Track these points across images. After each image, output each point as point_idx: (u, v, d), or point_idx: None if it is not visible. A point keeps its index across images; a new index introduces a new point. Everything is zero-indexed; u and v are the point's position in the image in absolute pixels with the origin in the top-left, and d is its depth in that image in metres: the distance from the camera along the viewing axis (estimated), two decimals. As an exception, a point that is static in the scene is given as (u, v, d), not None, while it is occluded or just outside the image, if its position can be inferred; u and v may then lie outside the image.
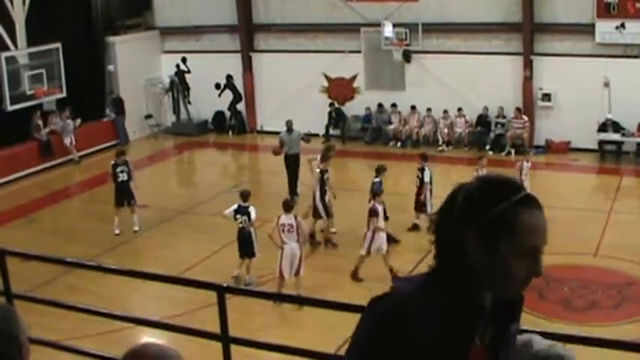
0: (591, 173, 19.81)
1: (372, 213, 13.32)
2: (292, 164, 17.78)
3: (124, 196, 16.16)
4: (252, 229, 13.51)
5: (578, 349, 3.23)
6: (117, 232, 16.08)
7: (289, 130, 18.00)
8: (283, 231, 12.65)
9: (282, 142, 17.86)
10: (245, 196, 13.71)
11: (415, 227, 15.48)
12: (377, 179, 14.47)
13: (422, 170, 15.51)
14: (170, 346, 2.39)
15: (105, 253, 14.88)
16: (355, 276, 13.35)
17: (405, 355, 2.11)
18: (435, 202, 15.26)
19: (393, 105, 22.76)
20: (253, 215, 13.47)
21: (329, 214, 15.24)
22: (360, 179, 20.35)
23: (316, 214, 15.19)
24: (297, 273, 12.50)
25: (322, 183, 15.22)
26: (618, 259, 13.63)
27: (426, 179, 15.34)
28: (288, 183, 17.71)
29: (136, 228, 16.21)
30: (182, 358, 2.30)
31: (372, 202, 13.60)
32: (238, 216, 13.47)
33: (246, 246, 13.46)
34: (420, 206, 15.49)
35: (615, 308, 11.94)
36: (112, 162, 16.45)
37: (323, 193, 15.18)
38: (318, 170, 15.30)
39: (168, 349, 2.38)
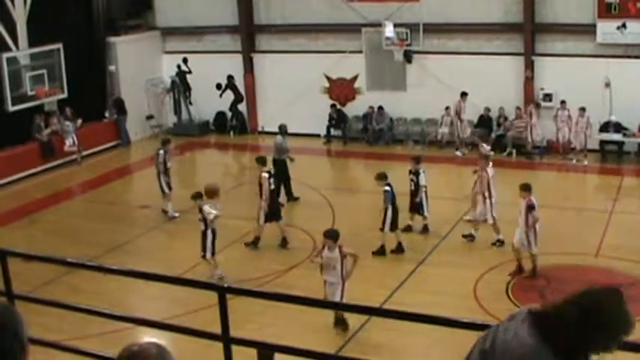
0: (592, 173, 19.80)
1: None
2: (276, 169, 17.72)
3: (170, 180, 17.09)
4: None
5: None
6: (177, 214, 16.90)
7: (283, 134, 17.85)
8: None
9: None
10: (208, 193, 13.69)
11: (408, 228, 15.44)
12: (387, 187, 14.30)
13: (417, 174, 15.29)
14: (171, 346, 2.40)
15: (106, 253, 14.89)
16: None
17: None
18: (432, 203, 15.28)
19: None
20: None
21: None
22: (360, 179, 20.39)
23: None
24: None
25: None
26: (619, 259, 13.62)
27: (422, 182, 15.20)
28: (284, 190, 17.58)
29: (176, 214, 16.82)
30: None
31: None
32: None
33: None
34: (414, 207, 15.42)
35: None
36: (162, 150, 17.09)
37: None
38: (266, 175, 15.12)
39: (165, 350, 2.39)
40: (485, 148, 16.78)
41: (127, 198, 19.31)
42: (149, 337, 8.06)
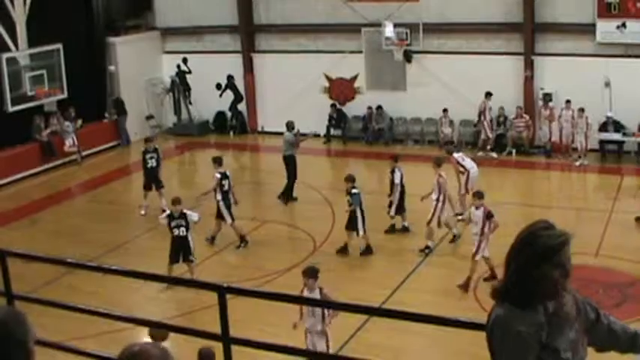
0: (592, 173, 19.79)
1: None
2: (285, 166, 17.77)
3: (151, 180, 17.26)
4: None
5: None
6: (142, 212, 17.18)
7: (290, 130, 17.94)
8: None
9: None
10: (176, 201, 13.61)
11: (392, 229, 15.58)
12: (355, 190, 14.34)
13: (392, 172, 15.40)
14: (171, 347, 2.40)
15: (106, 253, 14.90)
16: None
17: None
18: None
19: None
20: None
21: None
22: (360, 179, 20.36)
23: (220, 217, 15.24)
24: None
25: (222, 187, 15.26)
26: (619, 258, 13.62)
27: (397, 180, 15.26)
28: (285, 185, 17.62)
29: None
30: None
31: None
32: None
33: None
34: (397, 208, 15.47)
35: (617, 308, 11.92)
36: (143, 149, 17.64)
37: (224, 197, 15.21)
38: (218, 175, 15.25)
39: (166, 351, 2.39)
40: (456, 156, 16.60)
41: (126, 198, 19.30)
42: (149, 337, 8.05)
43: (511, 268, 3.12)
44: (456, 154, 16.59)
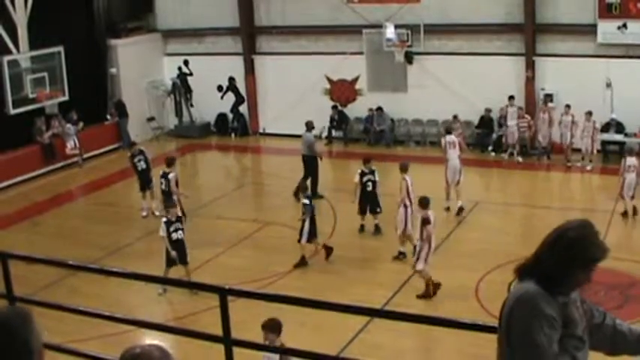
0: (594, 173, 19.76)
1: None
2: (304, 165, 17.82)
3: (144, 182, 17.45)
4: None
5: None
6: (144, 214, 17.32)
7: (310, 130, 18.17)
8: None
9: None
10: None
11: (362, 229, 15.80)
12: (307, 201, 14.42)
13: (372, 173, 15.62)
14: (172, 349, 2.40)
15: (107, 255, 14.90)
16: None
17: None
18: (432, 204, 15.24)
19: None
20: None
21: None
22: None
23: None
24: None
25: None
26: (621, 259, 13.57)
27: (363, 179, 15.51)
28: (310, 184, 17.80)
29: (157, 213, 16.52)
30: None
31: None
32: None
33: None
34: (362, 208, 15.70)
35: (618, 309, 11.92)
36: (129, 154, 17.95)
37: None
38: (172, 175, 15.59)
39: (167, 353, 2.39)
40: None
41: (128, 200, 19.30)
42: (151, 339, 8.05)
43: (547, 253, 3.20)
44: (447, 137, 17.07)
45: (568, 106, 19.98)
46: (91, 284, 12.50)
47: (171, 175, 15.86)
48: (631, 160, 16.02)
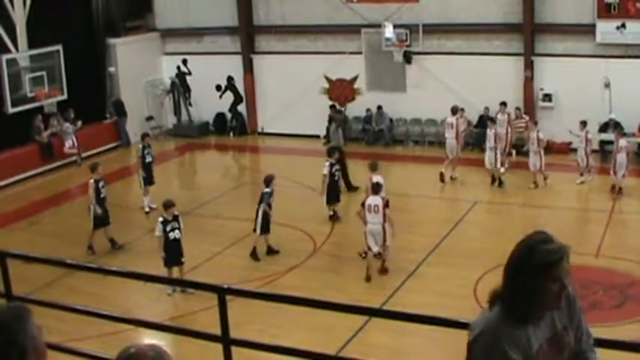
0: (593, 173, 19.73)
1: None
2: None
3: (149, 175, 17.64)
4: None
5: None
6: (147, 209, 17.40)
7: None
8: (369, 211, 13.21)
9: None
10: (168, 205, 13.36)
11: (333, 216, 16.35)
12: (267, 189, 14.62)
13: (331, 165, 16.28)
14: (170, 348, 2.39)
15: (106, 255, 14.89)
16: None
17: None
18: (432, 203, 15.28)
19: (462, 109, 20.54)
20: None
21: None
22: (360, 180, 20.35)
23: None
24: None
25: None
26: (620, 259, 13.61)
27: (325, 172, 16.18)
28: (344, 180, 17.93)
29: (154, 205, 16.90)
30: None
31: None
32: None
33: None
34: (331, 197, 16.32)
35: (617, 308, 11.93)
36: (141, 145, 17.93)
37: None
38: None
39: (163, 352, 2.38)
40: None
41: (127, 199, 19.27)
42: (149, 338, 8.05)
43: (509, 278, 3.11)
44: (448, 119, 18.97)
45: (504, 104, 19.97)
46: (90, 283, 12.49)
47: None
48: (622, 142, 17.48)
